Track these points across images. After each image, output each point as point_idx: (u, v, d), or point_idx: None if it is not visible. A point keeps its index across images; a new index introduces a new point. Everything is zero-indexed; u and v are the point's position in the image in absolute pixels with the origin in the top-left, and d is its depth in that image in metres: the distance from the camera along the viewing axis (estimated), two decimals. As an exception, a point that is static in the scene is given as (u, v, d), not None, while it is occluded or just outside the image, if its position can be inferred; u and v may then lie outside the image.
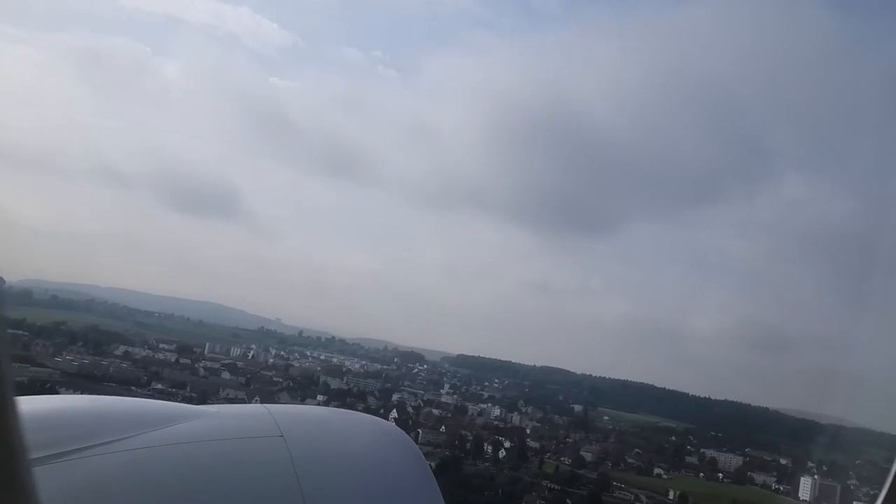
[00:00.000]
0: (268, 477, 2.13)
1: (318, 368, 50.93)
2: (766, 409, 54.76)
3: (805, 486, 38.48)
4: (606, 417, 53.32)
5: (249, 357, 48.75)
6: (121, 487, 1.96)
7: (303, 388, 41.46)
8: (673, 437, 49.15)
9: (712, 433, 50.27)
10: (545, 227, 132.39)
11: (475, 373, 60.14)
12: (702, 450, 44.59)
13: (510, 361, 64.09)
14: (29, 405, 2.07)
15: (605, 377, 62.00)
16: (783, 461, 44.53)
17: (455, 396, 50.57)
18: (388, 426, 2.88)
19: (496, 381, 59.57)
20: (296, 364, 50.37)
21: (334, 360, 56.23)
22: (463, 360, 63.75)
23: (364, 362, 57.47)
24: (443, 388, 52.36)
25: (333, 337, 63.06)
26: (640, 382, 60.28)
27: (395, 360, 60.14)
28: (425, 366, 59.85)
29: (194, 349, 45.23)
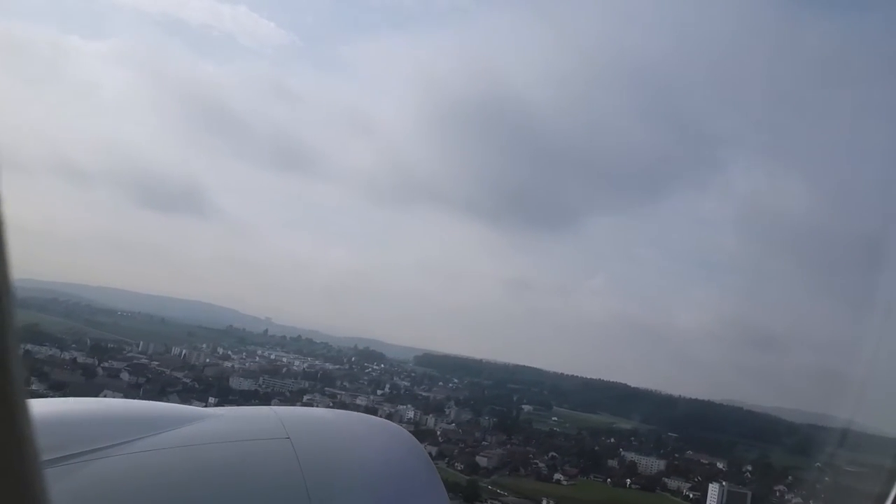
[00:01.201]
0: (274, 479, 2.13)
1: (254, 369, 50.75)
2: (740, 408, 52.76)
3: (713, 493, 36.15)
4: (555, 418, 51.63)
5: (181, 357, 49.10)
6: (128, 490, 1.97)
7: (208, 389, 41.47)
8: (612, 439, 46.95)
9: (670, 434, 48.34)
10: (505, 223, 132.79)
11: (438, 372, 59.06)
12: (623, 452, 42.37)
13: (481, 360, 63.80)
14: (37, 407, 1.89)
15: (577, 376, 60.89)
16: (720, 465, 42.23)
17: (387, 397, 49.59)
18: (394, 428, 2.86)
19: (456, 380, 58.72)
20: (230, 365, 50.35)
21: (284, 359, 56.14)
22: (429, 359, 63.30)
23: (317, 361, 57.13)
24: (382, 389, 51.54)
25: (300, 336, 63.40)
26: (613, 381, 58.83)
27: (353, 358, 59.44)
28: (383, 365, 59.02)
29: (114, 348, 45.68)
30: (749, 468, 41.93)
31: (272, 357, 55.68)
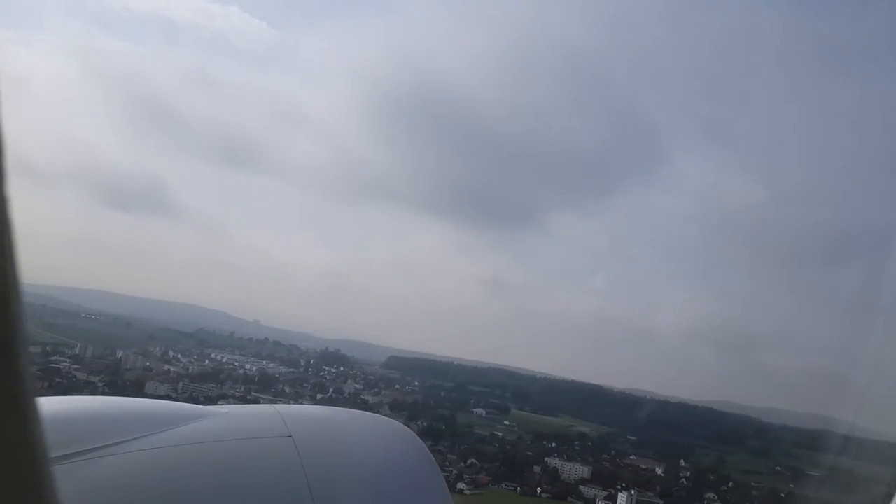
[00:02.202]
0: (277, 477, 2.15)
1: (193, 373, 49.96)
2: (712, 409, 50.30)
3: (621, 502, 33.71)
4: (507, 423, 49.39)
5: (117, 360, 48.64)
6: (133, 487, 2.00)
7: (116, 393, 40.56)
8: (553, 444, 44.56)
9: (629, 437, 45.68)
10: (463, 220, 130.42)
11: (402, 374, 57.70)
12: (546, 459, 39.83)
13: (452, 362, 62.26)
14: (43, 406, 1.61)
15: (550, 377, 59.53)
16: (658, 470, 39.87)
17: (324, 401, 47.97)
18: (396, 426, 2.86)
19: (417, 382, 57.22)
20: (168, 369, 49.64)
21: (236, 362, 55.23)
22: (396, 361, 61.81)
23: (271, 364, 56.12)
24: (325, 393, 50.04)
25: (266, 339, 62.81)
26: (586, 383, 56.41)
27: (312, 361, 58.27)
28: (342, 368, 57.67)
29: (50, 351, 45.48)
30: (687, 474, 38.65)
31: (224, 360, 54.78)
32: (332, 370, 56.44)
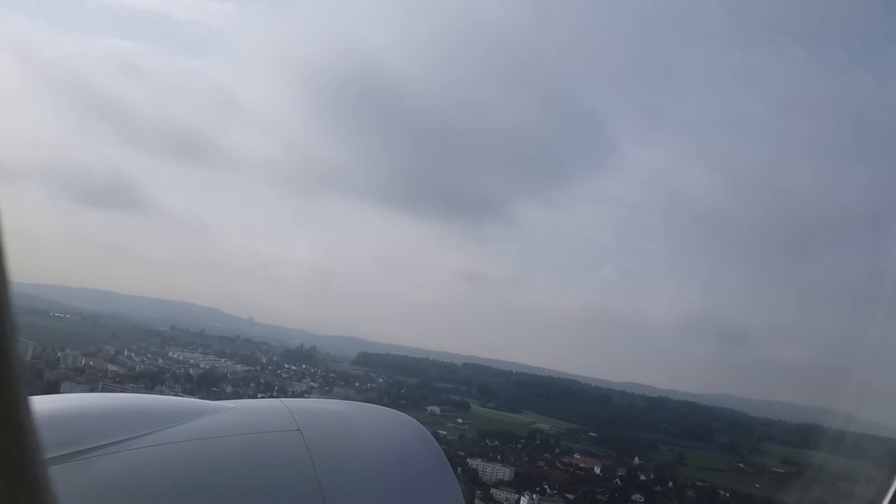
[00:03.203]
0: (286, 471, 2.15)
1: (130, 373, 48.67)
2: (692, 402, 46.77)
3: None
4: (461, 420, 46.98)
5: (57, 360, 47.59)
6: (142, 484, 1.99)
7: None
8: (496, 442, 42.01)
9: (590, 434, 42.82)
10: (424, 211, 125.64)
11: (364, 371, 55.38)
12: (467, 460, 37.06)
13: (426, 358, 59.84)
14: (46, 403, 2.18)
15: (527, 371, 56.00)
16: (597, 469, 36.92)
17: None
18: (405, 418, 2.81)
19: (381, 380, 55.16)
20: (112, 368, 48.32)
21: (191, 361, 53.74)
22: (365, 358, 59.64)
23: (229, 362, 54.61)
24: (270, 393, 47.92)
25: (237, 336, 61.30)
26: (563, 377, 53.04)
27: (275, 359, 56.60)
28: (304, 366, 55.82)
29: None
30: (622, 474, 35.39)
31: (179, 359, 53.30)
32: (293, 368, 54.70)
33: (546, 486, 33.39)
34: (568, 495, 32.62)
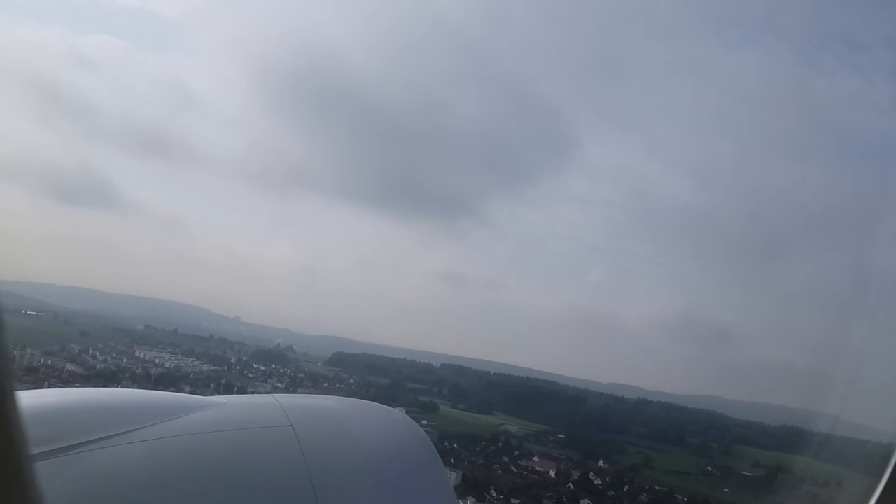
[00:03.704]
0: (277, 467, 2.16)
1: (96, 371, 47.45)
2: (671, 404, 45.17)
3: None
4: (425, 422, 44.95)
5: (13, 357, 46.31)
6: (130, 480, 2.00)
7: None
8: (455, 446, 40.53)
9: (559, 436, 41.17)
10: (396, 209, 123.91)
11: (336, 372, 54.06)
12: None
13: (404, 359, 58.48)
14: (35, 398, 2.25)
15: (507, 373, 54.13)
16: (552, 473, 34.94)
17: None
18: (397, 415, 2.89)
19: (352, 381, 53.79)
20: (72, 368, 47.17)
21: (156, 360, 52.44)
22: (339, 358, 58.43)
23: (196, 362, 53.32)
24: (230, 392, 46.56)
25: (212, 335, 60.25)
26: (543, 378, 51.13)
27: (244, 359, 55.34)
28: (274, 366, 54.45)
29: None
30: (575, 477, 33.51)
31: (144, 358, 52.03)
32: (262, 368, 53.31)
33: (493, 491, 31.35)
34: (514, 500, 30.62)
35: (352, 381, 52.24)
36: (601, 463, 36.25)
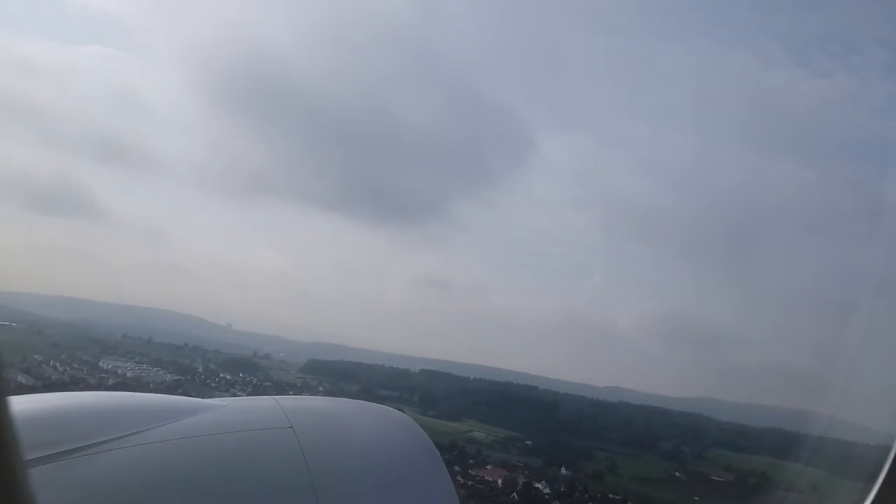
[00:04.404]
0: (279, 468, 2.15)
1: (50, 382, 46.02)
2: (650, 406, 42.66)
3: None
4: None
5: None
6: (133, 483, 1.99)
7: None
8: None
9: (526, 442, 39.44)
10: (363, 215, 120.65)
11: (308, 380, 52.61)
12: None
13: (383, 365, 56.54)
14: (36, 402, 2.21)
15: (485, 378, 51.84)
16: (500, 482, 33.27)
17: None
18: (398, 415, 2.93)
19: (321, 388, 52.36)
20: (23, 380, 45.62)
21: (118, 370, 50.93)
22: (314, 365, 56.68)
23: (161, 372, 51.91)
24: None
25: (186, 343, 58.28)
26: (523, 384, 48.75)
27: (212, 367, 54.08)
28: (241, 374, 53.12)
29: None
30: (520, 486, 31.58)
31: (107, 367, 50.53)
32: (227, 377, 51.52)
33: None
34: None
35: (321, 388, 50.54)
36: (563, 470, 34.13)
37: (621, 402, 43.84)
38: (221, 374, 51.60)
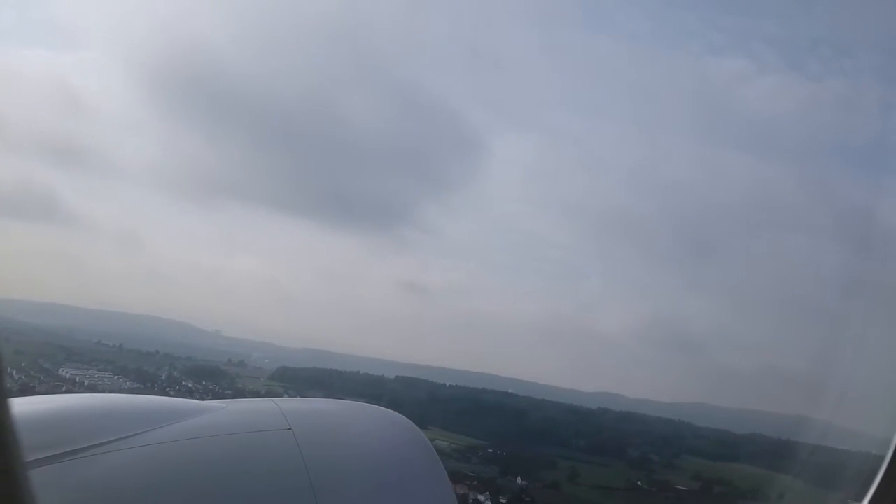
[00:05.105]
0: (277, 470, 2.15)
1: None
2: (631, 413, 41.10)
3: None
4: None
5: None
6: (132, 485, 1.98)
7: None
8: None
9: (488, 451, 38.06)
10: (329, 219, 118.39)
11: (273, 388, 50.75)
12: None
13: (358, 371, 54.37)
14: (35, 404, 2.17)
15: (460, 385, 50.27)
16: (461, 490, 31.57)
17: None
18: (397, 417, 2.83)
19: (286, 396, 49.52)
20: None
21: (77, 378, 49.00)
22: (283, 372, 54.70)
23: (123, 380, 50.13)
24: None
25: (157, 351, 56.80)
26: (499, 390, 46.82)
27: (176, 375, 52.49)
28: (204, 383, 51.48)
29: None
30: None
31: (66, 376, 48.55)
32: (189, 385, 49.66)
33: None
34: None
35: (286, 397, 48.20)
36: (519, 480, 32.79)
37: (600, 409, 41.94)
38: (183, 382, 49.90)
